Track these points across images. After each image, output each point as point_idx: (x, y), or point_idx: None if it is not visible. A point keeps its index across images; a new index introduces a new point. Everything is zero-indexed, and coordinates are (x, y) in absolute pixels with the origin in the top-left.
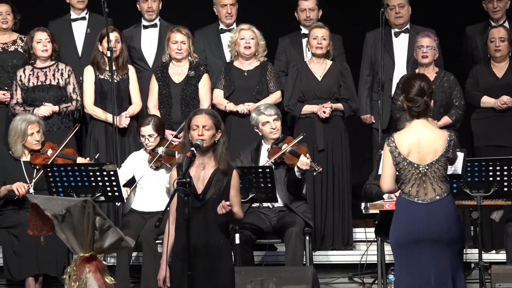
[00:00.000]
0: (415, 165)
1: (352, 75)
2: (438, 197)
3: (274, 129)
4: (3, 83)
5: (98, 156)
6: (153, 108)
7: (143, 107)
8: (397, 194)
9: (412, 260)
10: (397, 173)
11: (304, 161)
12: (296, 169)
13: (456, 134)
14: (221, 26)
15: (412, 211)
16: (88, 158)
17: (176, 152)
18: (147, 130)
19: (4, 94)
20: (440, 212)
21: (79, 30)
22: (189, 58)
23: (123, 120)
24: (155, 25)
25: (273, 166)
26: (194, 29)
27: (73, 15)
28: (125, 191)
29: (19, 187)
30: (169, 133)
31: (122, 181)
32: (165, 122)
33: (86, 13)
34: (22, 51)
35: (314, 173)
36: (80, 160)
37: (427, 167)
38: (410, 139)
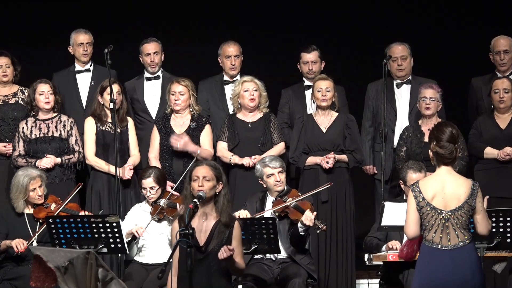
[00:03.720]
0: (439, 211)
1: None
2: (461, 243)
3: (278, 181)
4: (4, 136)
5: (101, 212)
6: (154, 159)
7: (144, 158)
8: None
9: None
10: (421, 219)
11: (308, 216)
12: (299, 224)
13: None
14: (225, 77)
15: (437, 257)
16: (91, 213)
17: (178, 204)
18: (148, 182)
19: (5, 146)
20: (465, 258)
21: (84, 82)
22: (190, 110)
23: (127, 172)
24: (157, 77)
25: (277, 219)
26: (198, 81)
27: (78, 67)
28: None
29: (18, 244)
30: (169, 185)
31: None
32: (166, 173)
33: (91, 65)
34: (22, 103)
35: (318, 231)
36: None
37: (450, 213)
38: (434, 185)
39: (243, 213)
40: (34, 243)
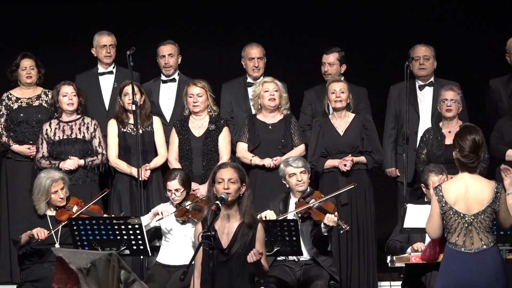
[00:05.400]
0: (461, 215)
1: (376, 127)
2: (485, 247)
3: (300, 181)
4: (27, 138)
5: (123, 214)
6: (174, 161)
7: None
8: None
9: None
10: (444, 222)
11: (331, 218)
12: (322, 225)
13: None
14: (248, 79)
15: (461, 261)
16: (113, 215)
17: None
18: (174, 184)
19: (29, 148)
20: (488, 261)
21: (106, 84)
22: (208, 111)
23: (143, 173)
24: (173, 80)
25: (299, 220)
26: (220, 83)
27: (101, 69)
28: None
29: (39, 232)
30: (194, 190)
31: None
32: None
33: (114, 67)
34: (46, 106)
35: (341, 231)
36: None
37: (473, 217)
38: (457, 188)
39: (269, 213)
40: (57, 245)
